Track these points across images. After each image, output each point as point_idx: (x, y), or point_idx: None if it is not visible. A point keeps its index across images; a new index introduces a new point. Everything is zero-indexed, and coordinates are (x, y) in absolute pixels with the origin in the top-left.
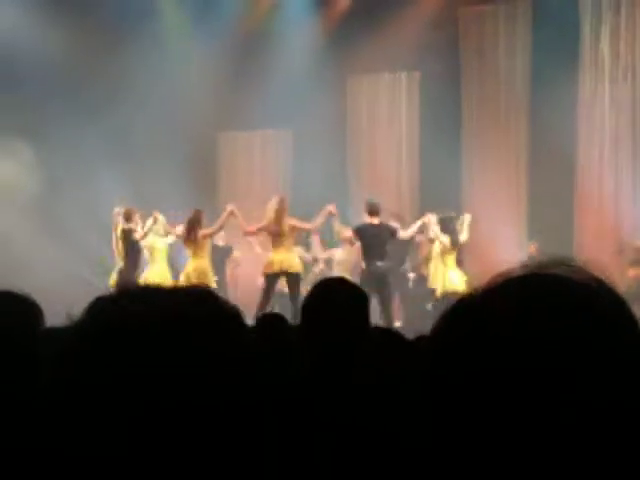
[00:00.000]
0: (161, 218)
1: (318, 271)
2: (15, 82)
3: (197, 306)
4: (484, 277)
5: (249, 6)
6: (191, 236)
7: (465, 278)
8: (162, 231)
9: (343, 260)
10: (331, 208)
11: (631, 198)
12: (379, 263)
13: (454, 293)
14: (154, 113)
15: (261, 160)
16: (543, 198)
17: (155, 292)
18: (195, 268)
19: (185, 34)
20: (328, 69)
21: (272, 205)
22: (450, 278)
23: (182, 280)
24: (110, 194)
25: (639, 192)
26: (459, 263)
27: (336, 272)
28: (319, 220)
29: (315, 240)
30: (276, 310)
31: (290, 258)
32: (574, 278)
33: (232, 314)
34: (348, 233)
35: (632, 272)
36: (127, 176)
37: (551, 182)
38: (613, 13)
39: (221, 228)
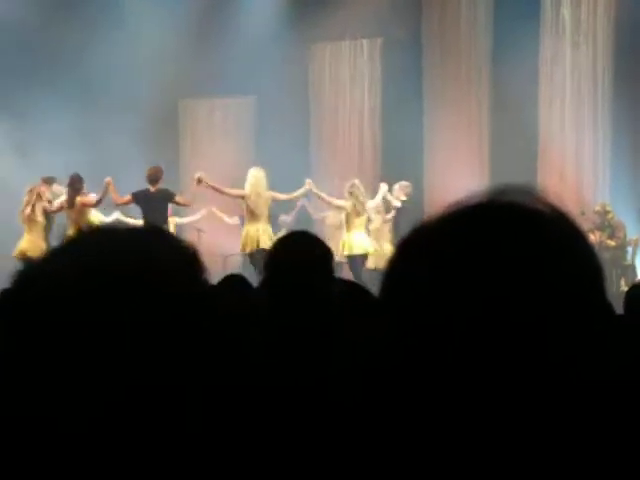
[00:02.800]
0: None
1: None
2: None
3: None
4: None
5: None
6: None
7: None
8: None
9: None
10: (309, 182)
11: (592, 161)
12: None
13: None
14: (115, 79)
15: (223, 127)
16: (505, 160)
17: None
18: None
19: (145, 0)
20: (290, 36)
21: (252, 178)
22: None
23: None
24: (71, 161)
25: (600, 155)
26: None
27: None
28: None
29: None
30: None
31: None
32: (531, 206)
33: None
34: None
35: (592, 237)
36: (89, 143)
37: (513, 145)
38: None
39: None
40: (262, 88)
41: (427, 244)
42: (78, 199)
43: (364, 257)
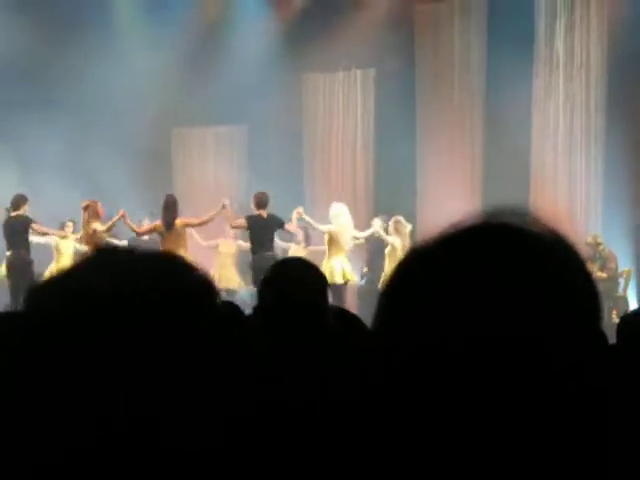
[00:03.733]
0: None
1: None
2: None
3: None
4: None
5: (204, 2)
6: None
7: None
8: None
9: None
10: (299, 210)
11: (584, 192)
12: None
13: None
14: (109, 107)
15: (215, 156)
16: (498, 193)
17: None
18: None
19: (139, 28)
20: (284, 66)
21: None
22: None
23: None
24: (65, 186)
25: (592, 186)
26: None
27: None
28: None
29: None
30: None
31: None
32: (527, 228)
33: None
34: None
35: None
36: (82, 168)
37: (505, 175)
38: (568, 10)
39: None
40: (255, 117)
41: (424, 266)
42: (178, 221)
43: None
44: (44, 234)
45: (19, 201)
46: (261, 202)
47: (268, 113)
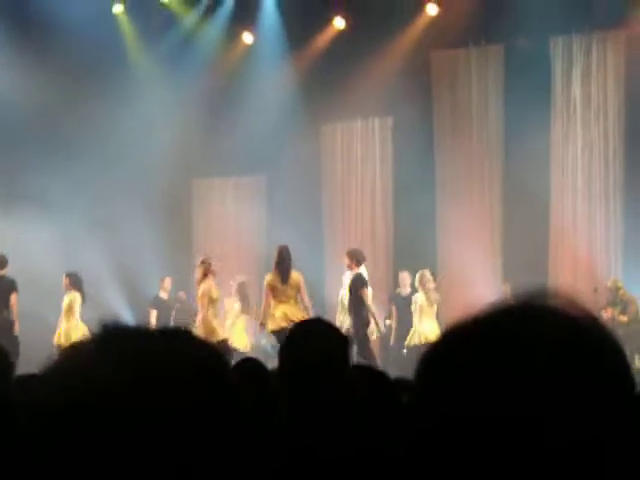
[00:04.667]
0: None
1: None
2: None
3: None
4: (459, 312)
5: (221, 54)
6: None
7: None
8: None
9: None
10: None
11: (604, 238)
12: None
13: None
14: (128, 158)
15: (235, 206)
16: (517, 240)
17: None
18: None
19: (158, 80)
20: (301, 116)
21: None
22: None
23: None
24: (81, 243)
25: (612, 232)
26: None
27: None
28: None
29: None
30: None
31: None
32: (565, 311)
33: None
34: None
35: (605, 313)
36: (101, 221)
37: (525, 224)
38: (584, 56)
39: None
40: (274, 167)
41: (462, 347)
42: (293, 273)
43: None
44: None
45: (2, 262)
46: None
47: (286, 163)
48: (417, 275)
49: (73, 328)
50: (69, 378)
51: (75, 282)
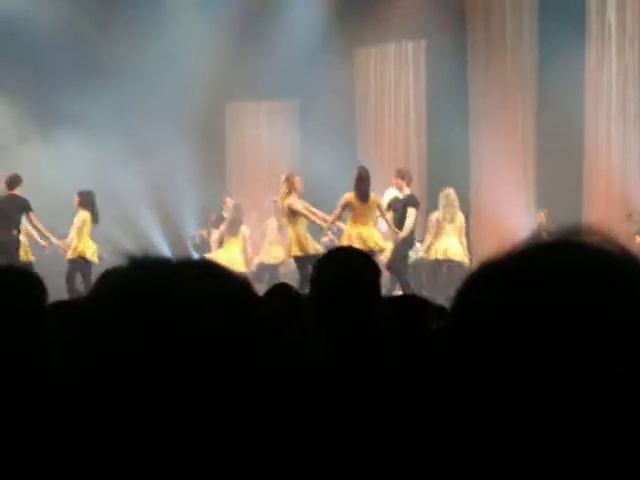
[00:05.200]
0: None
1: (327, 240)
2: (20, 54)
3: (205, 280)
4: (492, 243)
5: None
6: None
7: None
8: None
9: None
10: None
11: (638, 165)
12: None
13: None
14: (161, 83)
15: (268, 131)
16: (551, 165)
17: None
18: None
19: (190, 3)
20: (334, 40)
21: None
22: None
23: None
24: (116, 165)
25: None
26: None
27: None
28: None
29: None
30: None
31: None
32: (602, 247)
33: (240, 288)
34: None
35: (639, 240)
36: (136, 145)
37: (559, 149)
38: None
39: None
40: (307, 91)
41: (498, 281)
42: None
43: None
44: (35, 228)
45: (16, 181)
46: None
47: (319, 87)
48: (441, 194)
49: (84, 246)
50: (105, 302)
51: (85, 201)
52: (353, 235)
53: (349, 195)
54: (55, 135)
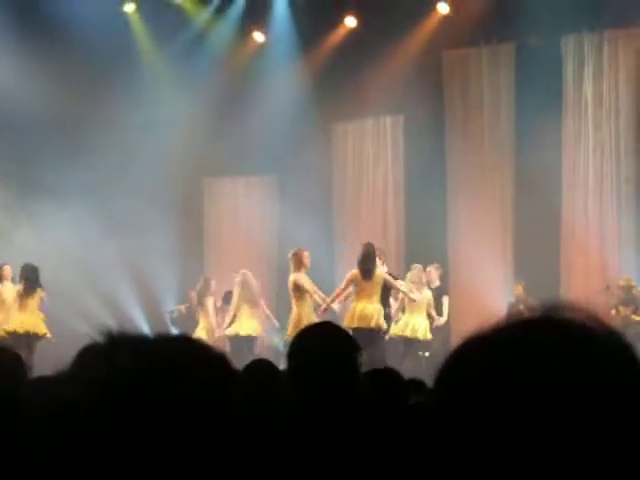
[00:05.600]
0: None
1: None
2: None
3: (184, 355)
4: (470, 315)
5: (233, 52)
6: None
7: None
8: None
9: None
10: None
11: (616, 237)
12: None
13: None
14: (140, 157)
15: (246, 206)
16: (529, 239)
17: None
18: None
19: (169, 79)
20: (312, 115)
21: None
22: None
23: None
24: (95, 240)
25: (623, 231)
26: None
27: None
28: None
29: None
30: None
31: None
32: (583, 323)
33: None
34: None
35: (617, 312)
36: (114, 220)
37: (537, 223)
38: (596, 55)
39: None
40: (285, 167)
41: (484, 354)
42: (378, 271)
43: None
44: None
45: None
46: None
47: (298, 162)
48: (409, 273)
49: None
50: (79, 382)
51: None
52: (356, 310)
53: (353, 273)
54: (35, 210)
